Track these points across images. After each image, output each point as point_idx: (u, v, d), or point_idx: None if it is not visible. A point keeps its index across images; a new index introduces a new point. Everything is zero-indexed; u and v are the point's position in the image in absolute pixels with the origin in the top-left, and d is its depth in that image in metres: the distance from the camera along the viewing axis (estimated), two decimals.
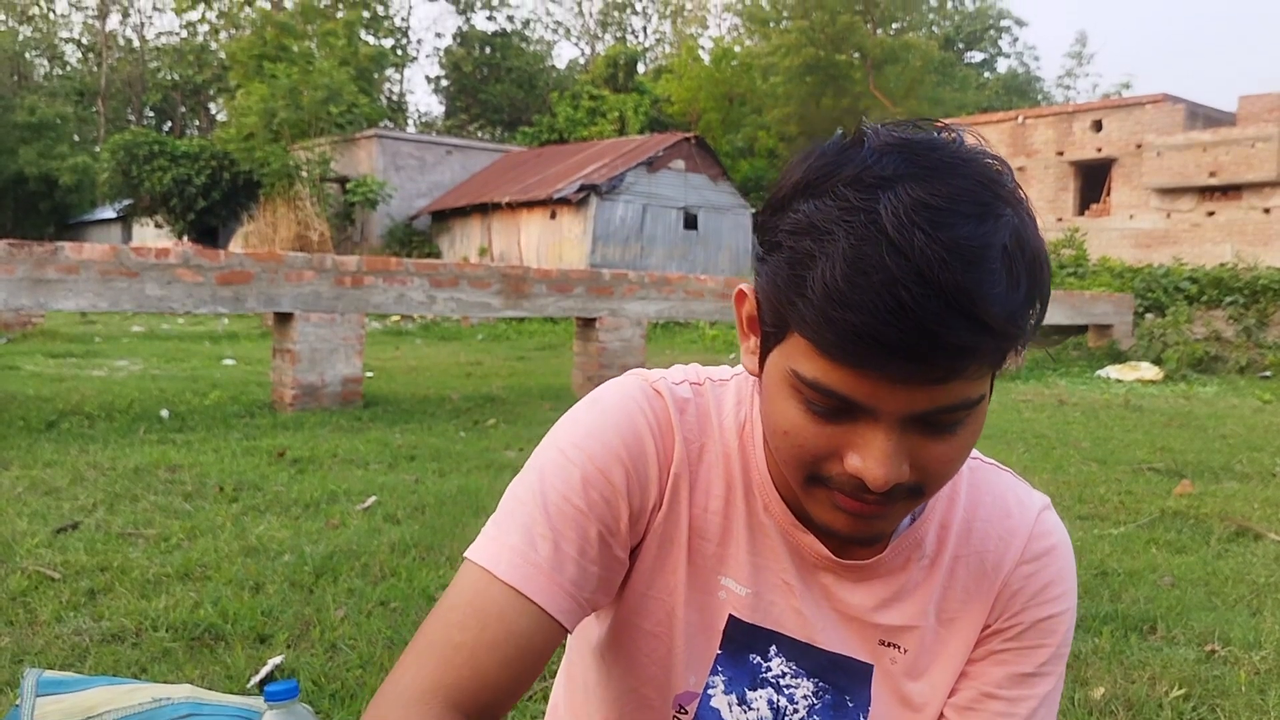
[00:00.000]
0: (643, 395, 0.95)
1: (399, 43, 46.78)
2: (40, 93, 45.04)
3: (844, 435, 0.80)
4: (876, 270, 0.70)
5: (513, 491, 0.94)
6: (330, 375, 7.23)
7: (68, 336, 14.27)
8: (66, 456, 5.14)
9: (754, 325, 0.87)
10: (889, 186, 0.73)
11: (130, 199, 31.34)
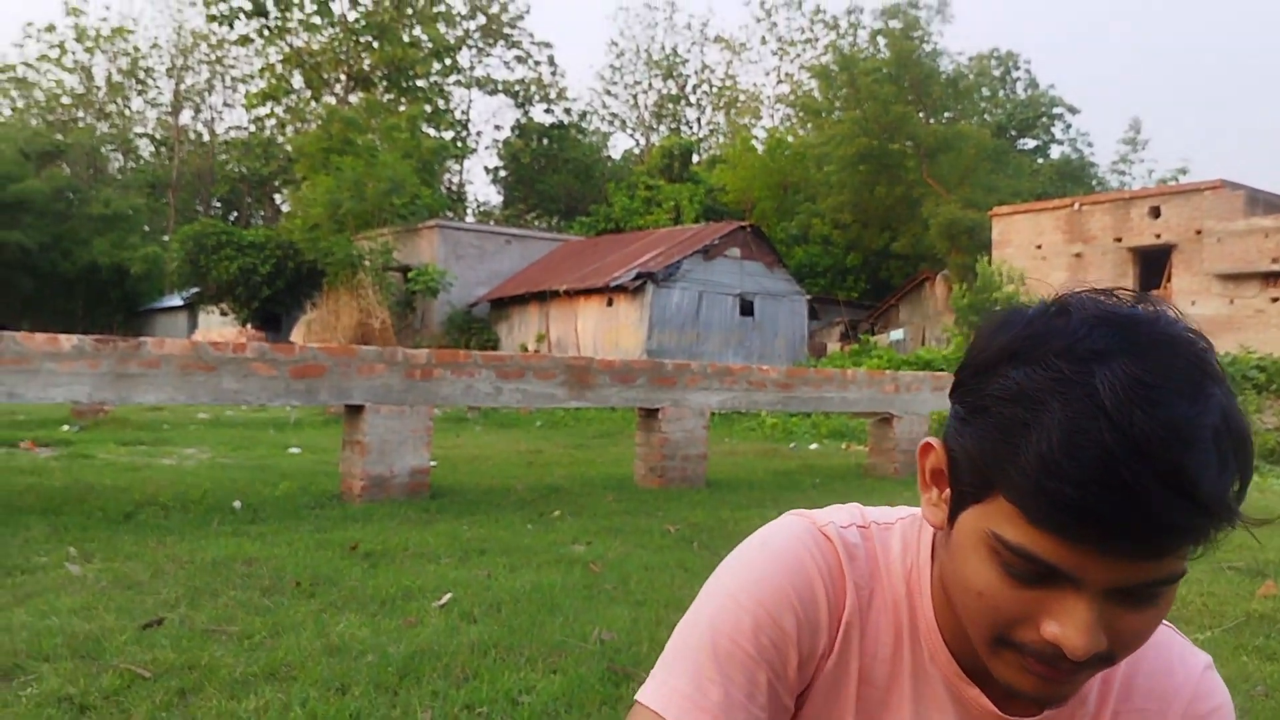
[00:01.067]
0: (812, 540, 0.96)
1: (459, 135, 48.08)
2: (114, 185, 46.81)
3: (1042, 601, 0.80)
4: (1094, 445, 0.72)
5: (681, 634, 0.95)
6: (399, 466, 7.30)
7: (137, 424, 14.58)
8: (146, 549, 5.23)
9: (939, 478, 0.88)
10: (1103, 360, 0.75)
11: (198, 287, 32.21)
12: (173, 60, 50.01)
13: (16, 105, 49.42)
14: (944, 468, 0.87)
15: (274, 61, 44.78)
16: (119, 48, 49.35)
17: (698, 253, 25.81)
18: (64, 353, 6.11)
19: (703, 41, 56.02)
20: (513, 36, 51.71)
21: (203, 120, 52.58)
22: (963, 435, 0.83)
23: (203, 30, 48.48)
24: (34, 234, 38.34)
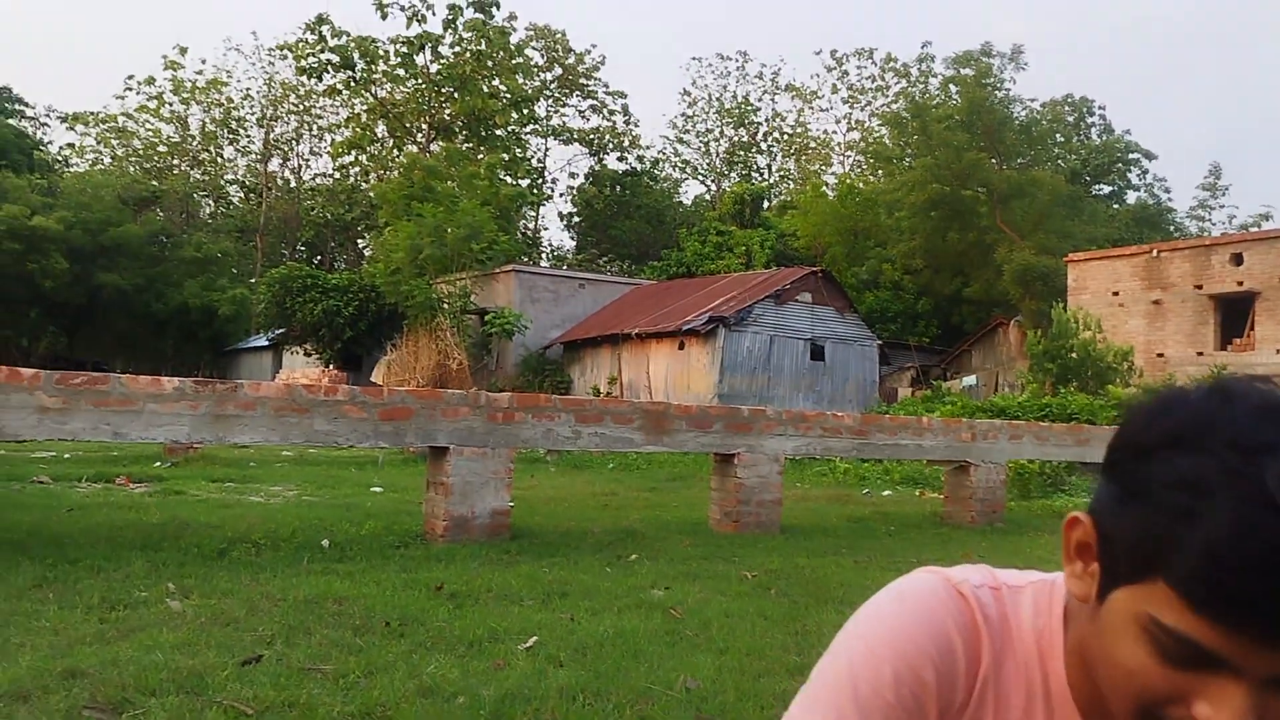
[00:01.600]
0: (948, 596, 0.99)
1: (535, 182, 48.96)
2: (205, 230, 48.54)
3: (1195, 684, 0.81)
4: (1263, 539, 0.74)
5: (820, 680, 0.98)
6: (480, 508, 7.45)
7: (226, 461, 15.03)
8: (240, 585, 5.42)
9: (1086, 552, 0.91)
10: (1272, 453, 0.77)
11: (283, 328, 33.13)
12: (263, 110, 51.88)
13: (117, 154, 51.64)
14: (1093, 543, 0.89)
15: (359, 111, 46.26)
16: (213, 99, 51.38)
17: (769, 297, 25.87)
18: (166, 394, 6.39)
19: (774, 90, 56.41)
20: (588, 87, 52.69)
21: (290, 168, 54.38)
22: (1120, 516, 0.85)
23: (292, 82, 50.26)
24: (130, 276, 39.87)
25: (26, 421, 5.99)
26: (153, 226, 43.37)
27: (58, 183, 42.96)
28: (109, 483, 11.63)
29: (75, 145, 52.83)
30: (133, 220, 42.20)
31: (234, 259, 46.99)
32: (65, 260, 37.51)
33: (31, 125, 51.13)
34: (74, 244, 38.21)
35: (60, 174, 46.35)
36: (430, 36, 40.49)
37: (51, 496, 9.73)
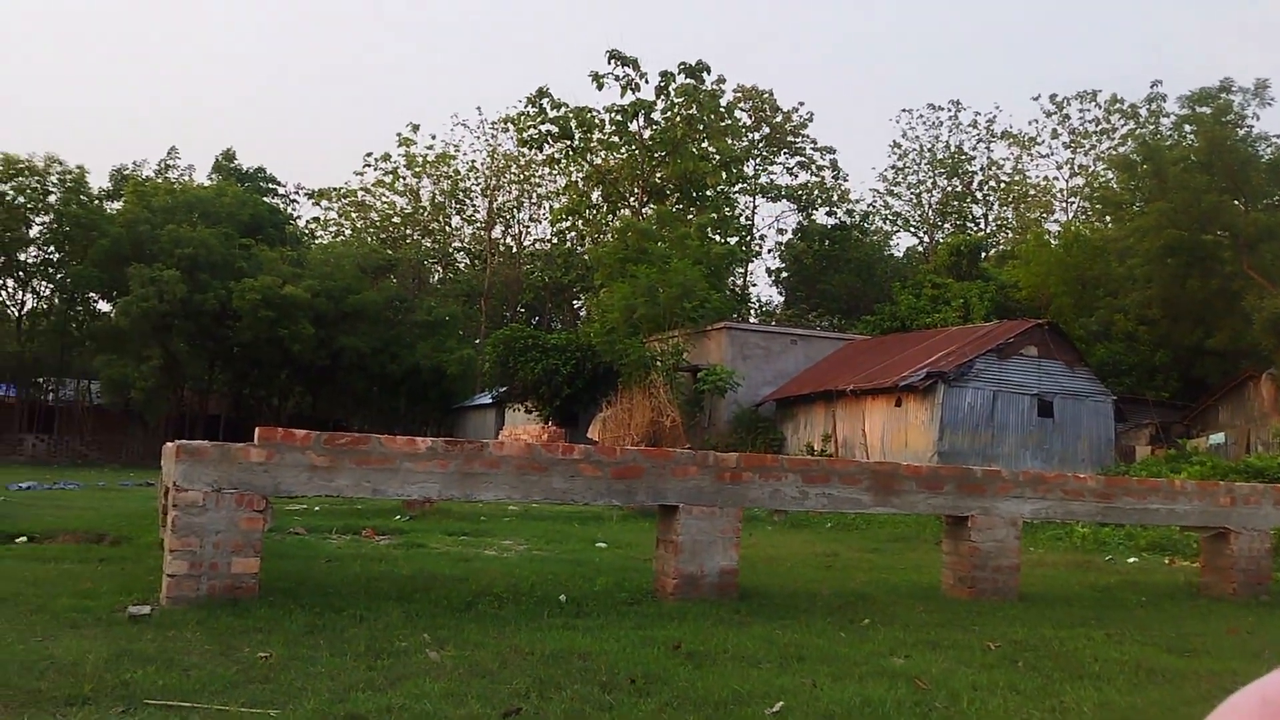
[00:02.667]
0: None
1: (743, 240, 49.41)
2: (435, 295, 51.58)
3: None
4: None
5: None
6: (709, 566, 7.51)
7: (458, 515, 15.78)
8: (489, 638, 5.67)
9: None
10: None
11: (505, 386, 34.61)
12: (487, 181, 54.86)
13: (356, 226, 55.87)
14: None
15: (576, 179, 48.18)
16: (442, 172, 54.83)
17: (991, 351, 24.92)
18: (420, 454, 6.82)
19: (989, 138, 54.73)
20: (796, 144, 52.91)
21: (511, 234, 57.12)
22: None
23: (513, 153, 52.98)
24: (368, 339, 42.77)
25: (299, 478, 6.52)
26: (388, 293, 46.42)
27: (305, 254, 46.75)
28: (356, 535, 12.44)
29: (320, 219, 57.55)
30: (370, 287, 45.33)
31: (460, 321, 49.59)
32: (311, 326, 40.66)
33: (283, 202, 56.02)
34: (319, 310, 41.40)
35: (307, 246, 50.45)
36: (643, 104, 41.82)
37: (308, 547, 10.51)
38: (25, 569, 7.73)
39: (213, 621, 5.65)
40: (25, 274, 45.39)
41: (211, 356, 43.27)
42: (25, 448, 41.58)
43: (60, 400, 46.81)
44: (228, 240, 42.22)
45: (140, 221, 41.46)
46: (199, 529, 6.20)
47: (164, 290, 38.49)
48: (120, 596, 6.42)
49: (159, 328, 39.64)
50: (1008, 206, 55.32)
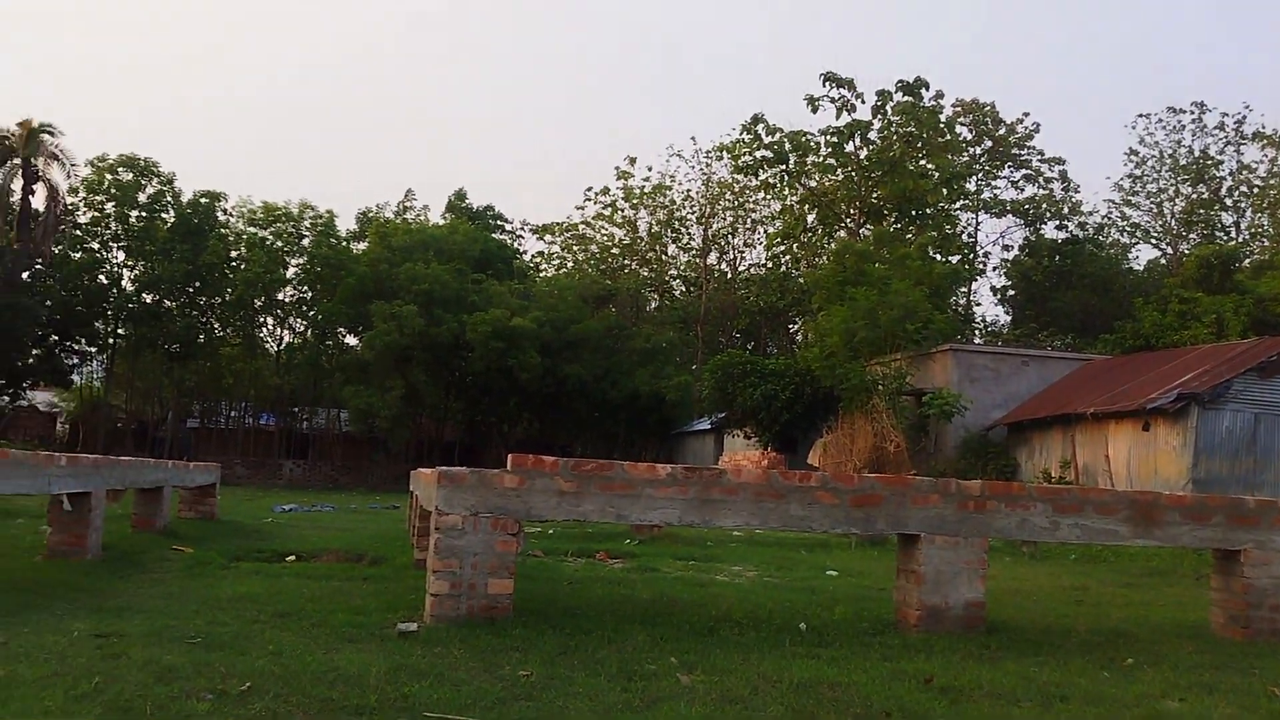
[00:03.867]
0: None
1: (966, 258, 47.74)
2: (652, 322, 52.56)
3: None
4: None
5: None
6: (954, 598, 7.27)
7: (685, 539, 15.96)
8: (735, 664, 5.71)
9: None
10: None
11: (724, 412, 34.78)
12: (702, 209, 55.54)
13: (578, 258, 57.80)
14: None
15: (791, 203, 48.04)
16: (658, 202, 55.99)
17: (1251, 371, 22.91)
18: (660, 480, 6.96)
19: (1239, 140, 50.56)
20: (1021, 156, 50.75)
21: (726, 260, 57.55)
22: None
23: (728, 180, 53.43)
24: (589, 367, 44.07)
25: (549, 503, 6.80)
26: (608, 321, 47.67)
27: (531, 286, 48.71)
28: (590, 558, 12.80)
29: (544, 252, 59.86)
30: (591, 317, 46.69)
31: (678, 348, 50.29)
32: (537, 355, 42.28)
33: (510, 238, 58.64)
34: (544, 340, 43.01)
35: (533, 279, 52.55)
36: (860, 124, 41.28)
37: (547, 569, 10.90)
38: (302, 586, 8.40)
39: (474, 639, 5.96)
40: (283, 312, 49.51)
41: (447, 386, 45.68)
42: (284, 472, 45.19)
43: (313, 428, 50.63)
44: (460, 275, 44.57)
45: (382, 260, 44.43)
46: (458, 551, 6.56)
47: (403, 324, 41.02)
48: (388, 614, 6.87)
49: (400, 359, 42.25)
50: (1263, 213, 50.89)
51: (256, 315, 49.11)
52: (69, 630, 5.74)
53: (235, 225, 47.84)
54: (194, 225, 45.14)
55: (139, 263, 45.88)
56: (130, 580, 8.54)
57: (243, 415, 50.59)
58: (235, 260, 46.73)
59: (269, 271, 45.98)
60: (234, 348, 49.36)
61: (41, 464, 8.26)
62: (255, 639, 5.83)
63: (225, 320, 48.53)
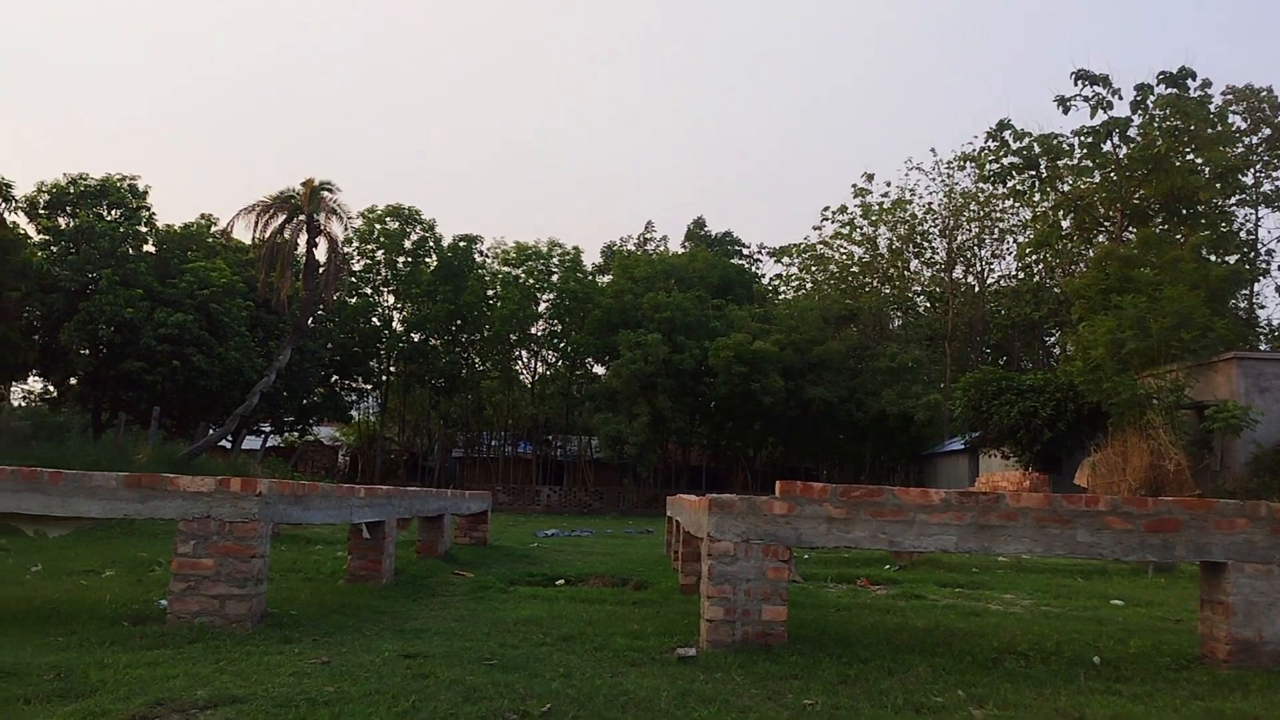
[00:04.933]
0: None
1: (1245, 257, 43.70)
2: (897, 341, 51.29)
3: None
4: None
5: None
6: (1269, 632, 6.64)
7: (947, 565, 15.39)
8: (1026, 698, 5.45)
9: None
10: None
11: (978, 431, 33.38)
12: (945, 222, 53.80)
13: (816, 279, 57.30)
14: None
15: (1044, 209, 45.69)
16: (898, 217, 54.70)
17: None
18: (934, 506, 6.78)
19: None
20: None
21: (973, 273, 55.39)
22: None
23: (971, 191, 51.51)
24: (833, 388, 43.50)
25: (818, 530, 6.76)
26: (850, 342, 46.96)
27: (771, 309, 48.71)
28: (851, 584, 12.58)
29: (782, 275, 59.78)
30: (833, 337, 46.15)
31: (925, 366, 48.80)
32: (780, 378, 42.17)
33: (747, 262, 58.95)
34: (787, 363, 42.86)
35: (772, 302, 52.54)
36: (1117, 122, 38.79)
37: (810, 595, 10.80)
38: (578, 610, 8.73)
39: (752, 666, 5.99)
40: (536, 345, 51.91)
41: (691, 411, 46.33)
42: (541, 498, 47.17)
43: (566, 455, 52.63)
44: (701, 302, 45.21)
45: (625, 291, 45.74)
46: (731, 577, 6.63)
47: (648, 352, 42.02)
48: (664, 638, 7.02)
49: (645, 387, 43.26)
50: None
51: (512, 349, 51.72)
52: (380, 650, 6.22)
53: (491, 265, 50.68)
54: (454, 267, 48.14)
55: (406, 305, 49.41)
56: (421, 603, 9.15)
57: (502, 444, 53.26)
58: (492, 298, 49.45)
59: (522, 308, 48.37)
60: (493, 380, 52.15)
61: (345, 496, 9.03)
62: (545, 661, 6.11)
63: (484, 355, 51.37)
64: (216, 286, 33.63)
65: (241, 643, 6.18)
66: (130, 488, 6.98)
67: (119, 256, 33.10)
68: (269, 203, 31.67)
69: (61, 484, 6.99)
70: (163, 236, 36.68)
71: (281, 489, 7.38)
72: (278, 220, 31.71)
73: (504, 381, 52.37)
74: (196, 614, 6.65)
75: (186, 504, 6.82)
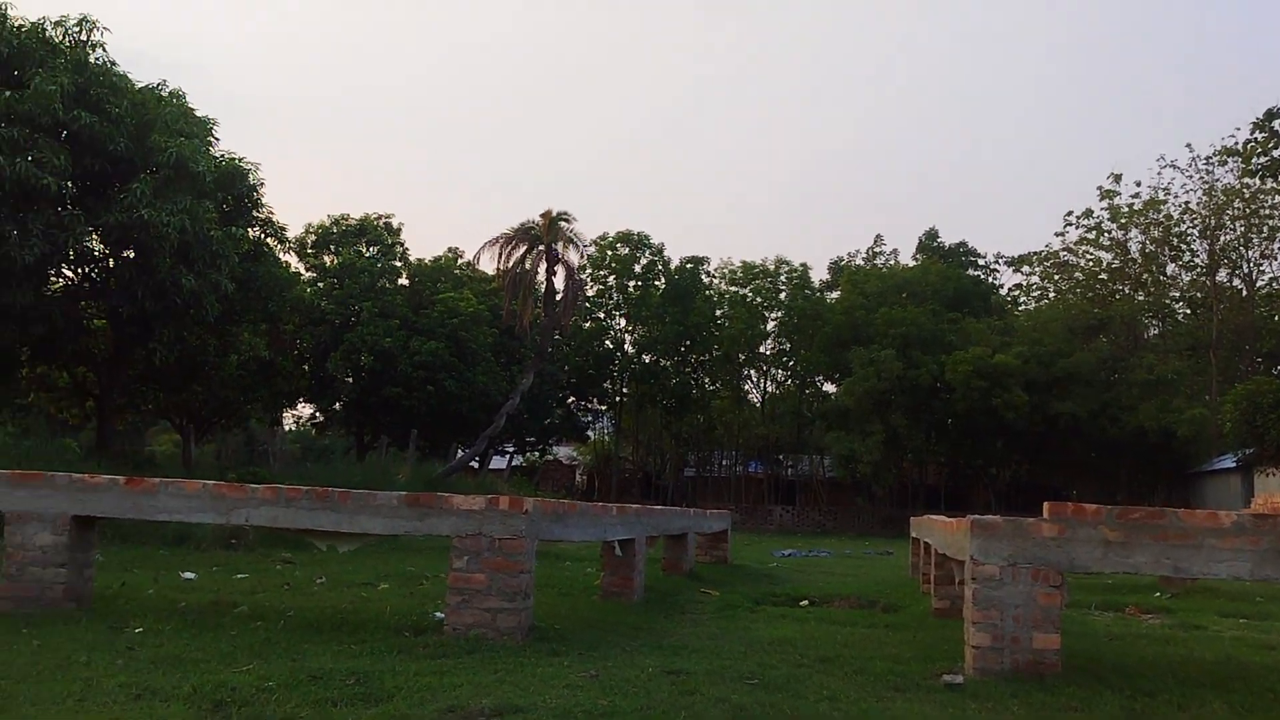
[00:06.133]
0: None
1: None
2: (1154, 351, 47.80)
3: None
4: None
5: None
6: None
7: (1226, 593, 14.16)
8: None
9: None
10: None
11: (1252, 448, 30.62)
12: (1205, 222, 49.79)
13: (1060, 287, 54.30)
14: None
15: None
16: (1151, 219, 51.06)
17: None
18: (1225, 530, 6.27)
19: None
20: None
21: (1240, 275, 50.92)
22: None
23: (1235, 187, 47.49)
24: (1083, 403, 41.06)
25: (1093, 554, 6.39)
26: (1100, 353, 44.22)
27: (1011, 321, 46.60)
28: (1118, 611, 11.80)
29: (1022, 285, 57.02)
30: (1081, 349, 43.60)
31: (1186, 378, 45.24)
32: (1023, 393, 40.22)
33: (983, 273, 56.62)
34: (1029, 376, 40.85)
35: (1011, 313, 50.24)
36: None
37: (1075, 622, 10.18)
38: (831, 631, 8.63)
39: (1027, 696, 5.73)
40: (764, 364, 51.92)
41: (928, 428, 44.94)
42: (774, 517, 46.99)
43: (798, 474, 52.23)
44: (935, 316, 43.86)
45: (856, 307, 45.00)
46: (997, 603, 6.37)
47: (881, 369, 41.13)
48: (924, 664, 6.82)
49: (879, 404, 42.34)
50: None
51: (741, 368, 51.94)
52: (643, 666, 6.37)
53: (718, 285, 51.15)
54: (682, 289, 48.91)
55: (637, 327, 50.59)
56: (673, 620, 9.31)
57: (733, 464, 53.47)
58: (720, 318, 49.88)
59: (750, 326, 48.55)
60: (723, 400, 52.50)
61: (599, 515, 9.33)
62: (806, 683, 6.08)
63: (714, 375, 51.83)
64: (464, 315, 35.61)
65: (514, 655, 6.49)
66: (409, 506, 7.48)
67: (378, 290, 35.69)
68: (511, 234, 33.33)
69: (349, 503, 7.58)
70: (415, 269, 39.26)
71: (544, 508, 7.71)
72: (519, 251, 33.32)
73: (734, 401, 52.62)
74: (471, 626, 7.03)
75: (460, 521, 7.23)
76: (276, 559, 14.03)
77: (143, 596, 9.05)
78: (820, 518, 47.24)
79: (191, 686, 5.15)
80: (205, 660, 5.95)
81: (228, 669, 5.69)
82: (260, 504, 7.67)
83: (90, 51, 20.65)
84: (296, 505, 7.61)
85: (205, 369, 27.72)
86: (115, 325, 23.42)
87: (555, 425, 48.66)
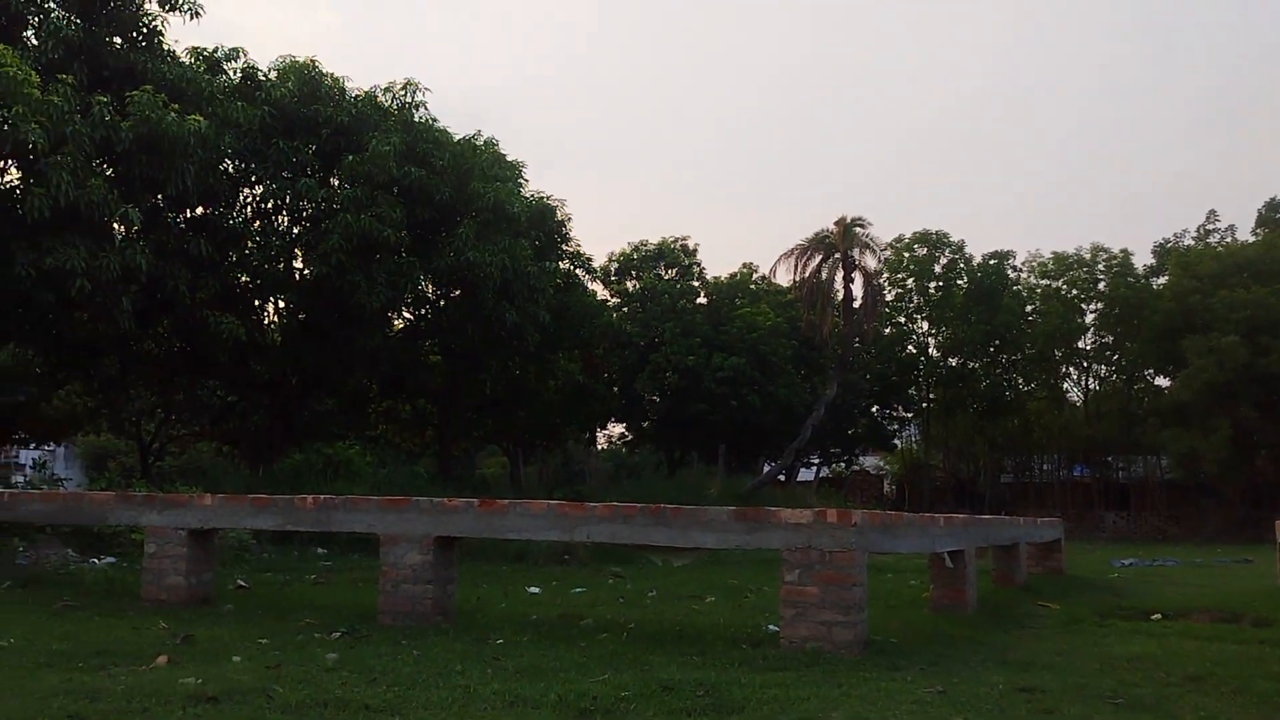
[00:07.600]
0: None
1: None
2: None
3: None
4: None
5: None
6: None
7: None
8: None
9: None
10: None
11: None
12: None
13: None
14: None
15: None
16: None
17: None
18: None
19: None
20: None
21: None
22: None
23: None
24: None
25: None
26: None
27: None
28: None
29: None
30: None
31: None
32: None
33: None
34: None
35: None
36: None
37: None
38: (1196, 647, 7.93)
39: None
40: (1085, 360, 48.50)
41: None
42: (1105, 524, 43.69)
43: (1130, 477, 48.26)
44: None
45: (1189, 292, 41.08)
46: None
47: (1223, 358, 37.32)
48: None
49: (1223, 396, 38.36)
50: None
51: (1058, 366, 48.82)
52: (991, 682, 6.14)
53: (1026, 280, 48.42)
54: (987, 286, 46.66)
55: (941, 330, 48.80)
56: (1012, 634, 8.89)
57: (1055, 468, 50.27)
58: (1030, 314, 47.18)
59: (1066, 321, 45.54)
60: (1039, 401, 49.51)
61: (927, 525, 9.10)
62: (1178, 703, 5.63)
63: (1028, 375, 49.02)
64: (763, 329, 35.89)
65: (854, 668, 6.45)
66: (738, 520, 7.64)
67: (678, 310, 36.73)
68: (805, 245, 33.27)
69: (681, 519, 7.85)
70: (712, 287, 40.04)
71: (872, 519, 7.62)
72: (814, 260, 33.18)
73: (1052, 401, 49.49)
74: (807, 639, 7.06)
75: (788, 535, 7.30)
76: (607, 573, 14.74)
77: (497, 610, 9.80)
78: (1159, 523, 43.35)
79: (557, 695, 5.51)
80: (563, 670, 6.35)
81: (584, 679, 6.05)
82: (599, 521, 8.10)
83: (414, 111, 22.76)
84: (632, 522, 7.98)
85: (528, 395, 29.69)
86: (449, 360, 25.62)
87: (860, 435, 47.78)
